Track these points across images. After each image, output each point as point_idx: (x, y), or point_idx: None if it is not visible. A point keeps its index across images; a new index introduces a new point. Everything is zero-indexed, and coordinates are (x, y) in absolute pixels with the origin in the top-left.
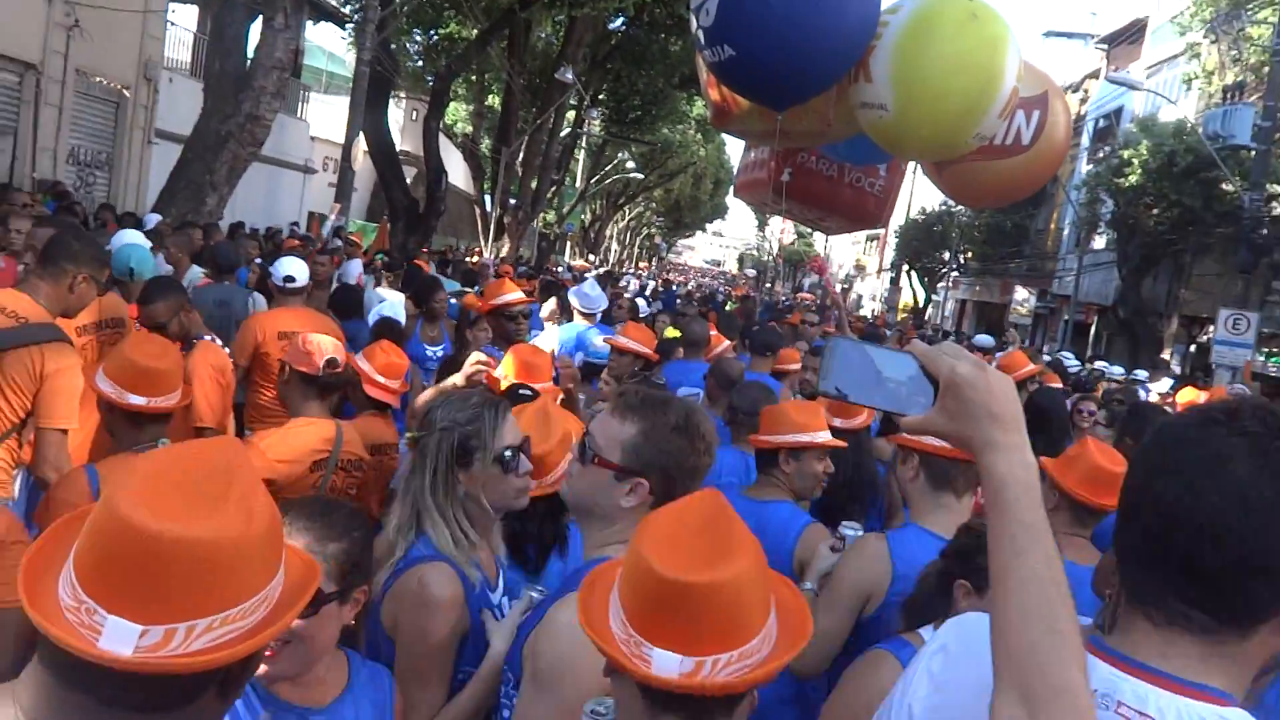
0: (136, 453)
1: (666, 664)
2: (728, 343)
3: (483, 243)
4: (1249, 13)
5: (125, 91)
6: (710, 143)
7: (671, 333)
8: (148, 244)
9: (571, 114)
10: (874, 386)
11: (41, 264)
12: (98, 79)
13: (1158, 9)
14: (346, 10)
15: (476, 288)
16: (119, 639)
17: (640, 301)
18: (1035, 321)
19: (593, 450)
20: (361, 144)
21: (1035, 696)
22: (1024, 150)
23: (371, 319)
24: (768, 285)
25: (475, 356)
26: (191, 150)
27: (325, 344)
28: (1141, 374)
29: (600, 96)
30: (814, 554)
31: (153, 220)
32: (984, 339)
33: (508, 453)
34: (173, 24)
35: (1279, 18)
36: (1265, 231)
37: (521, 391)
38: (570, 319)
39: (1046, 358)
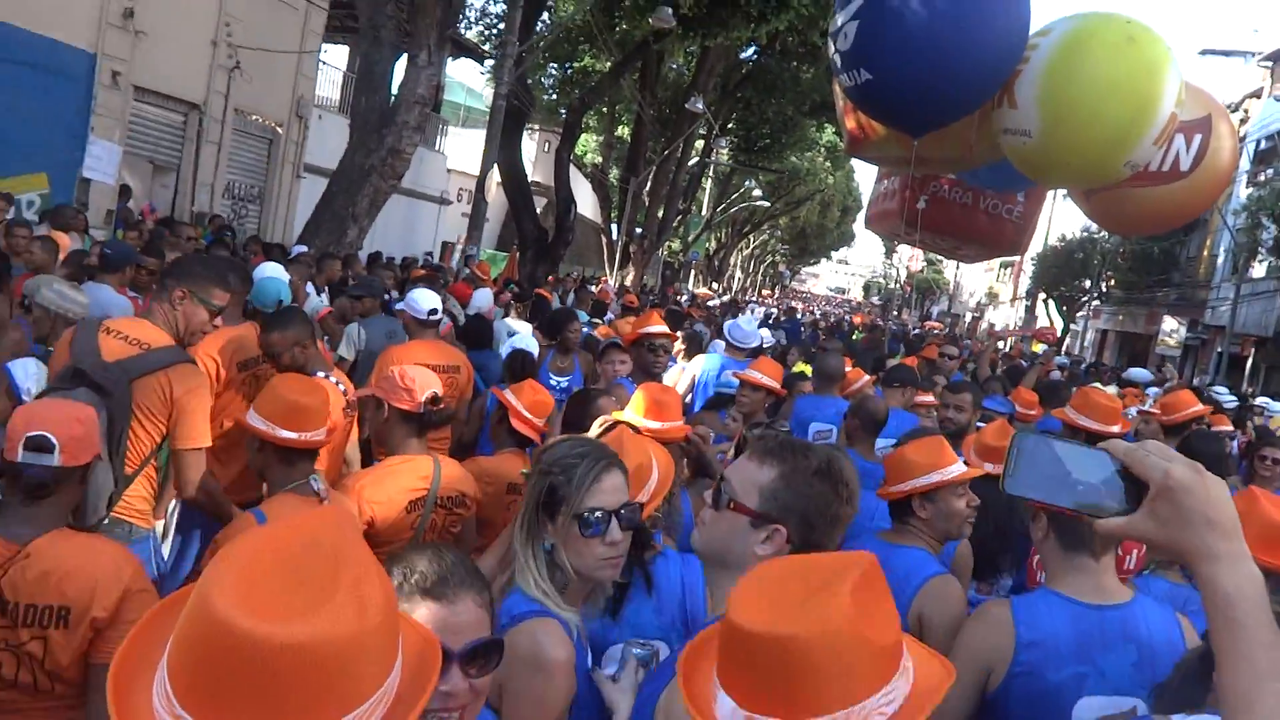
0: (297, 492)
1: None
2: (867, 378)
3: (608, 270)
4: None
5: (278, 128)
6: (839, 170)
7: (801, 367)
8: (285, 275)
9: (700, 143)
10: (1064, 487)
11: (157, 289)
12: (254, 117)
13: None
14: (486, 47)
15: (607, 317)
16: None
17: (764, 332)
18: (1185, 353)
19: (728, 495)
20: (495, 175)
21: None
22: (1182, 176)
23: (503, 350)
24: (894, 314)
25: (601, 418)
26: (336, 184)
27: (426, 379)
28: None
29: (729, 125)
30: (941, 605)
31: (297, 251)
32: (1139, 373)
33: (595, 513)
34: (324, 63)
35: None
36: None
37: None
38: (698, 352)
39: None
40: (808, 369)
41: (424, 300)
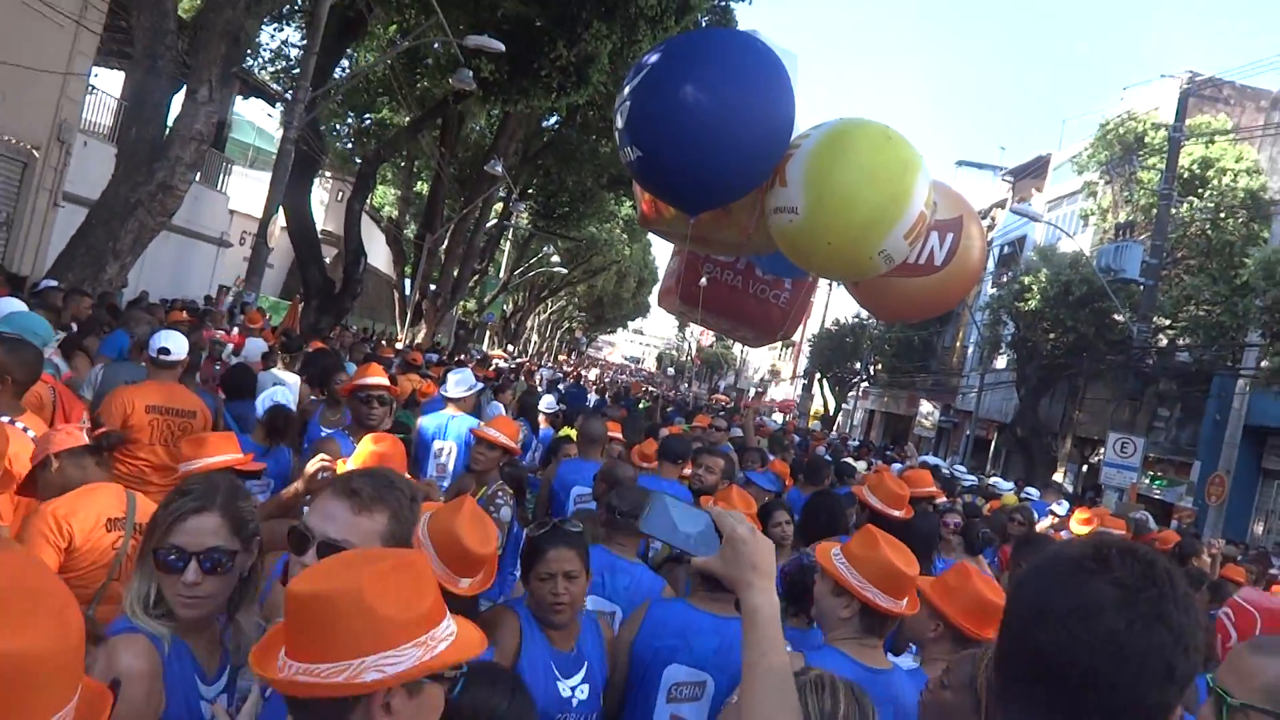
0: None
1: None
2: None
3: (399, 327)
4: (1139, 158)
5: (35, 151)
6: (636, 243)
7: (567, 431)
8: (23, 307)
9: (500, 205)
10: (674, 533)
11: None
12: (6, 138)
13: (1060, 148)
14: (278, 88)
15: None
16: None
17: (549, 398)
18: (939, 435)
19: None
20: (281, 221)
21: None
22: (936, 270)
23: (262, 402)
24: (685, 385)
25: (319, 457)
26: (96, 216)
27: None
28: (1033, 492)
29: (529, 190)
30: None
31: (45, 285)
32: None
33: (171, 552)
34: (95, 88)
35: (1166, 165)
36: (1151, 361)
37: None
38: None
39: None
40: (574, 433)
41: (159, 339)
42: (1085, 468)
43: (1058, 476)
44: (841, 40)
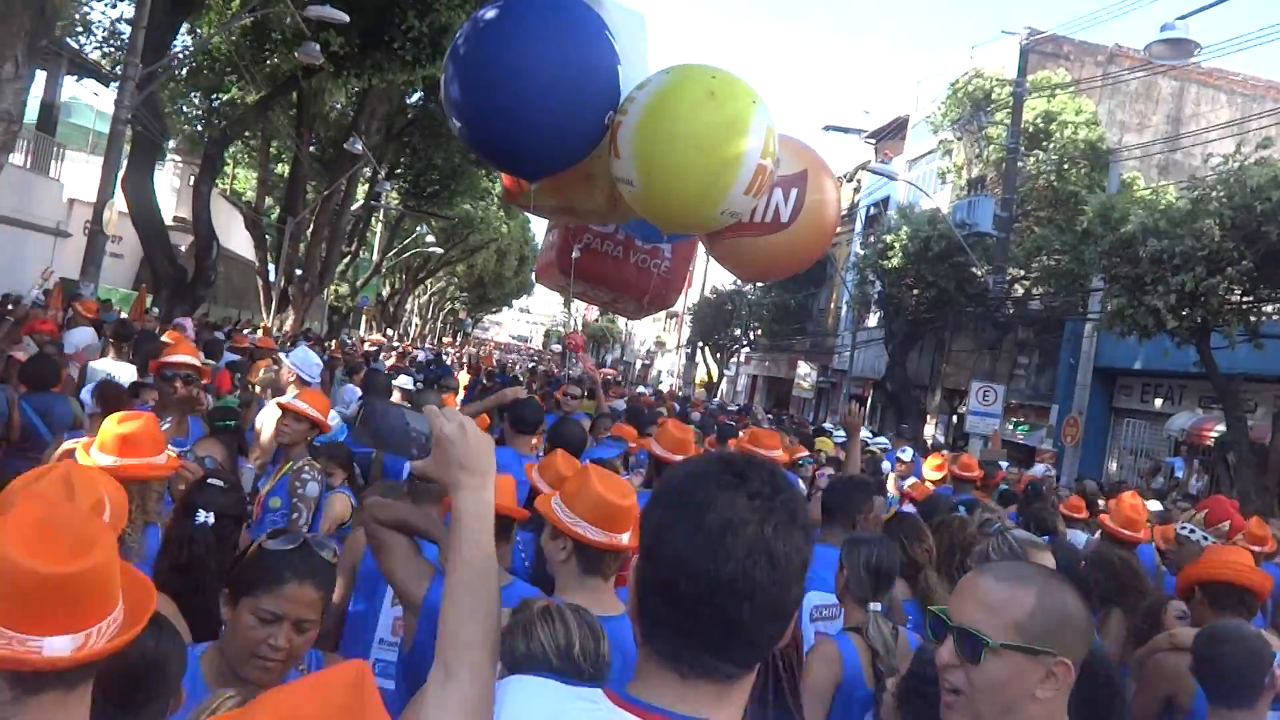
0: None
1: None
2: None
3: (264, 314)
4: (988, 115)
5: None
6: (513, 220)
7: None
8: None
9: (366, 186)
10: (405, 439)
11: None
12: None
13: (916, 109)
14: (115, 69)
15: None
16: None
17: (406, 377)
18: (818, 395)
19: None
20: (122, 207)
21: (450, 658)
22: (784, 227)
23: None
24: (572, 361)
25: (71, 442)
26: None
27: None
28: (882, 440)
29: (397, 169)
30: None
31: None
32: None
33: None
34: None
35: (1011, 121)
36: (1010, 311)
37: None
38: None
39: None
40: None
41: None
42: (955, 418)
43: (929, 428)
44: (706, 5)
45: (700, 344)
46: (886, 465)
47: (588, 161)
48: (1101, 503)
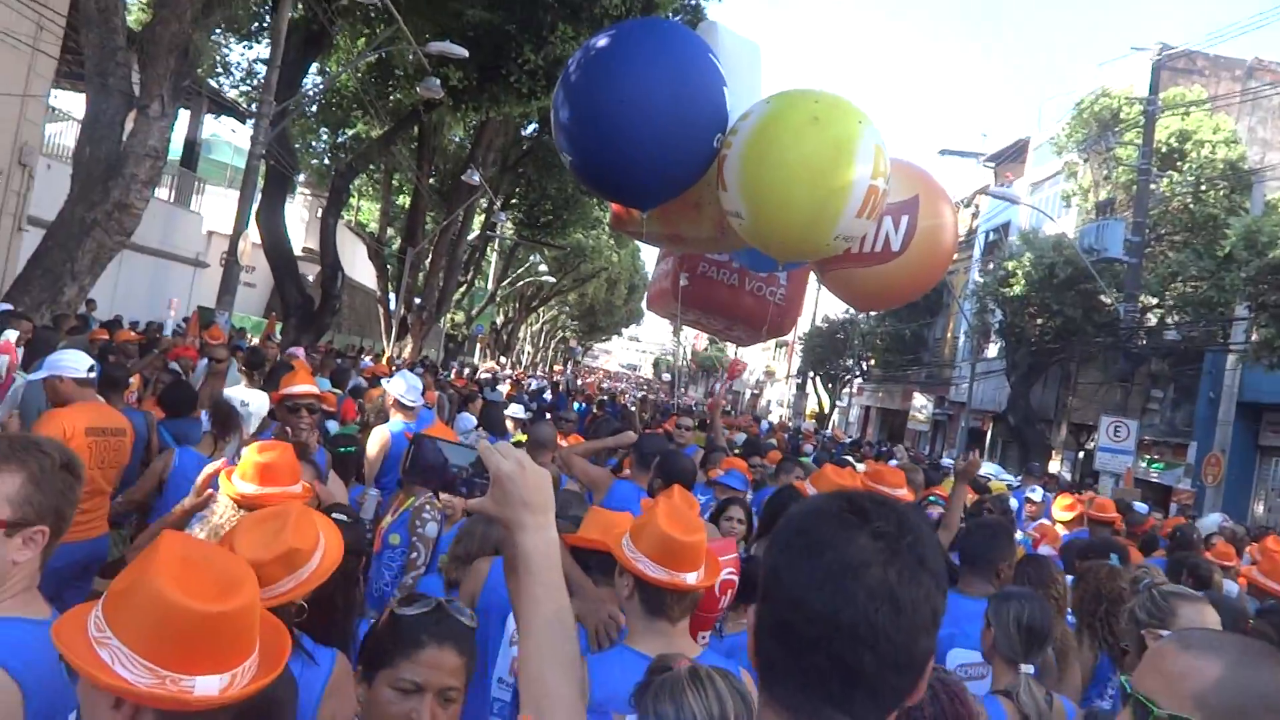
0: None
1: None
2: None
3: (385, 341)
4: (1116, 135)
5: None
6: (624, 248)
7: (520, 438)
8: None
9: (483, 216)
10: (448, 476)
11: None
12: None
13: (1038, 130)
14: (254, 107)
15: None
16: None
17: (517, 405)
18: (934, 428)
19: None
20: (255, 238)
21: (543, 707)
22: (895, 256)
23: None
24: (681, 390)
25: (211, 466)
26: (53, 237)
27: None
28: (1008, 476)
29: (512, 200)
30: None
31: (2, 310)
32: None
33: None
34: (57, 110)
35: (1143, 140)
36: (1141, 341)
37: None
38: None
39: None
40: (524, 438)
41: (80, 360)
42: (1082, 454)
43: (1054, 465)
44: (821, 33)
45: (811, 374)
46: (1014, 503)
47: (695, 189)
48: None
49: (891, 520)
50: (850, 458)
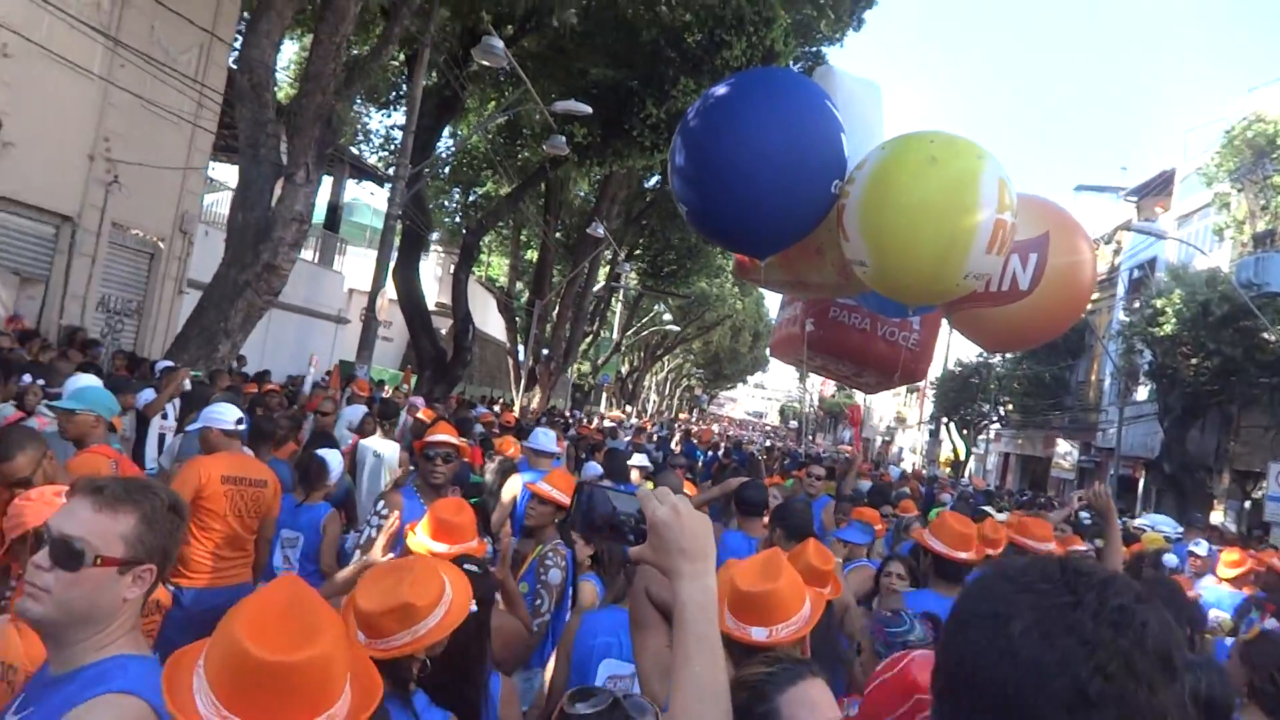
0: None
1: None
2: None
3: (514, 392)
4: (1273, 162)
5: (160, 243)
6: (747, 296)
7: (648, 486)
8: (97, 383)
9: (607, 267)
10: (618, 525)
11: None
12: (134, 231)
13: (1184, 161)
14: (392, 171)
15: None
16: None
17: (640, 455)
18: (1080, 476)
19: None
20: (392, 295)
21: None
22: (1023, 295)
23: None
24: (809, 438)
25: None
26: (208, 298)
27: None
28: (1165, 527)
29: (636, 250)
30: None
31: (163, 366)
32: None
33: None
34: (214, 180)
35: None
36: None
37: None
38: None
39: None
40: (651, 485)
41: (229, 412)
42: (1248, 504)
43: (1217, 515)
44: (947, 69)
45: (945, 419)
46: (1173, 558)
47: (816, 235)
48: None
49: (1056, 578)
50: (989, 508)
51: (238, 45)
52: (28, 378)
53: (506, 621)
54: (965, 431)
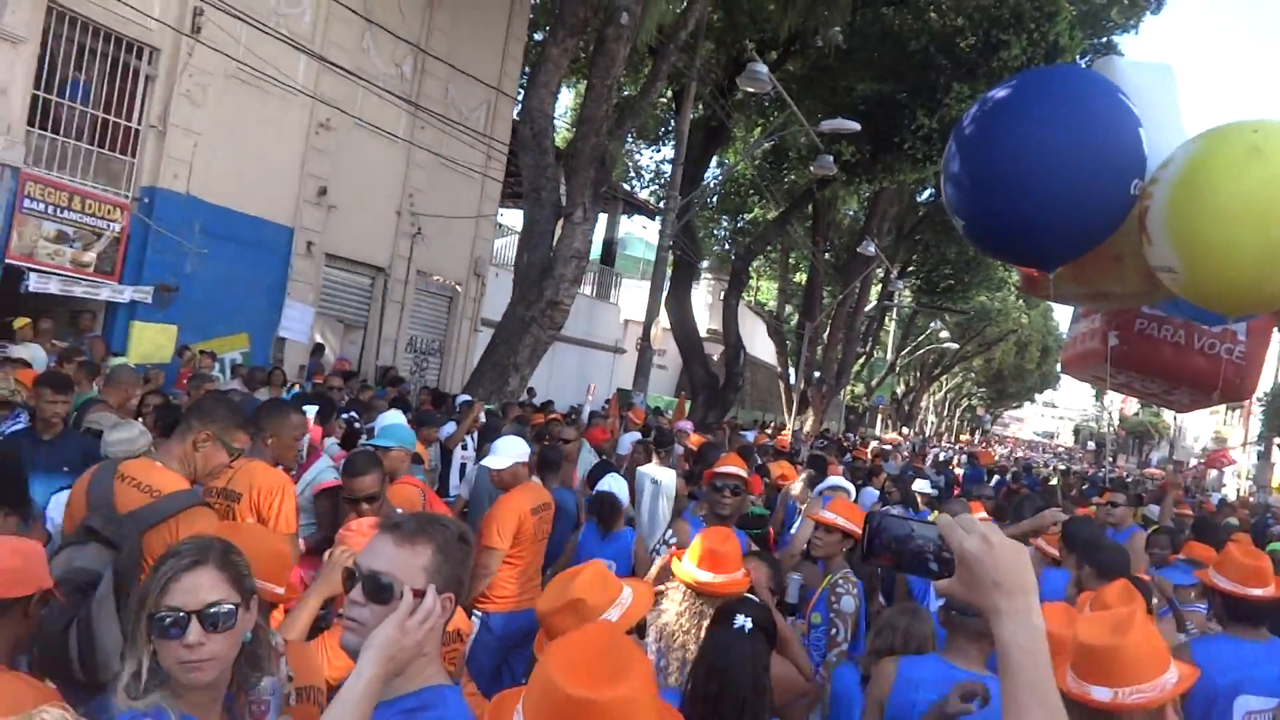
0: None
1: None
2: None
3: (787, 416)
4: None
5: (457, 286)
6: (1034, 309)
7: (934, 518)
8: (403, 420)
9: (879, 286)
10: (919, 555)
11: (181, 428)
12: (435, 277)
13: None
14: (663, 204)
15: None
16: None
17: (923, 481)
18: None
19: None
20: (665, 324)
21: None
22: None
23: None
24: (1110, 461)
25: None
26: (499, 335)
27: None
28: None
29: (909, 268)
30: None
31: (462, 400)
32: None
33: (168, 614)
34: (502, 225)
35: None
36: None
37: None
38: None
39: None
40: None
41: (516, 445)
42: None
43: None
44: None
45: (1277, 440)
46: None
47: (1114, 241)
48: None
49: None
50: None
51: (519, 97)
52: (349, 415)
53: (780, 668)
54: None
